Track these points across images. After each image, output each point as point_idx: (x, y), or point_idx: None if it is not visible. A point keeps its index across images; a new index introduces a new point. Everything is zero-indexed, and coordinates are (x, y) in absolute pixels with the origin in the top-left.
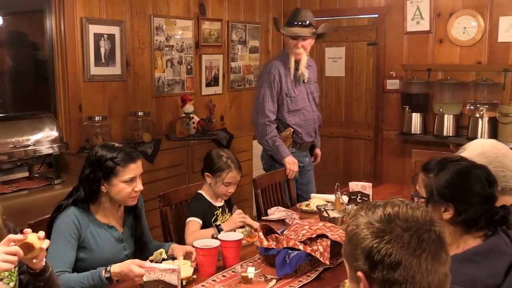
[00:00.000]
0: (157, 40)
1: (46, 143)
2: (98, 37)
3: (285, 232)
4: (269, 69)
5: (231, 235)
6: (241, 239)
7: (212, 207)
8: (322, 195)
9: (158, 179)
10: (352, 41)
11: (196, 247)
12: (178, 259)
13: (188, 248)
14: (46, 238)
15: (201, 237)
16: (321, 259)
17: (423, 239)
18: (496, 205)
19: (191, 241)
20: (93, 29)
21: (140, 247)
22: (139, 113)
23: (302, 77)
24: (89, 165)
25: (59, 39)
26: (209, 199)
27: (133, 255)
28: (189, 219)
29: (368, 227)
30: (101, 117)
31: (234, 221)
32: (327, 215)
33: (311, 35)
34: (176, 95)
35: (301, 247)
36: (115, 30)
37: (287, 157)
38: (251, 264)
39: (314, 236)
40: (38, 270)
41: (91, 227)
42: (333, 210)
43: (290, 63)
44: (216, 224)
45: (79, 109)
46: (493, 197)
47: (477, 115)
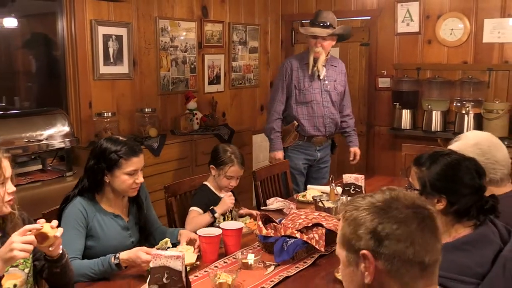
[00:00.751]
0: (162, 40)
1: (58, 137)
2: (106, 38)
3: (283, 221)
4: (283, 63)
5: (232, 224)
6: (242, 227)
7: (216, 197)
8: (317, 187)
9: (163, 171)
10: (345, 41)
11: (199, 235)
12: (181, 245)
13: (192, 235)
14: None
15: (198, 222)
16: (316, 247)
17: (424, 215)
18: (485, 195)
19: (190, 228)
20: (102, 31)
21: (144, 235)
22: (146, 109)
23: (317, 73)
24: (94, 157)
25: (70, 40)
26: (213, 190)
27: (139, 242)
28: (191, 208)
29: (369, 207)
30: (110, 113)
31: (225, 203)
32: (322, 205)
33: (327, 35)
34: (180, 93)
35: (298, 235)
36: (122, 31)
37: (275, 151)
38: (251, 251)
39: (310, 225)
40: (55, 257)
41: (97, 216)
42: (328, 200)
43: (308, 59)
44: (211, 208)
45: (89, 106)
46: (482, 187)
47: (463, 112)
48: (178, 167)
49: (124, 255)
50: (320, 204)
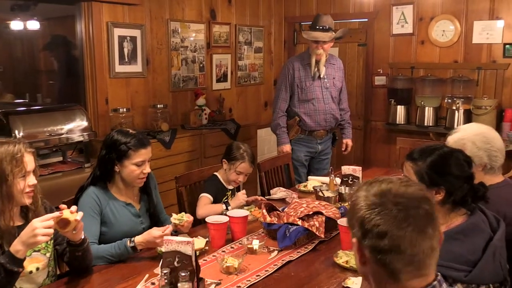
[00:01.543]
0: (173, 41)
1: (77, 131)
2: (122, 39)
3: (286, 209)
4: (286, 64)
5: (238, 212)
6: (247, 215)
7: (224, 188)
8: (318, 177)
9: (174, 163)
10: (344, 42)
11: (208, 222)
12: (178, 214)
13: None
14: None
15: (211, 209)
16: (317, 233)
17: (409, 214)
18: (475, 183)
19: (202, 213)
20: (118, 32)
21: (154, 221)
22: (158, 105)
23: (318, 73)
24: (105, 147)
25: (88, 41)
26: (222, 181)
27: (149, 228)
28: (202, 195)
29: (364, 199)
30: (125, 109)
31: (238, 198)
32: (322, 195)
33: (329, 39)
34: (190, 90)
35: (299, 222)
36: (136, 32)
37: (283, 145)
38: (256, 237)
39: (311, 213)
40: (78, 241)
41: (110, 203)
42: (327, 190)
43: (310, 60)
44: (225, 201)
45: (106, 102)
46: (472, 176)
47: (454, 108)
48: (188, 159)
49: (139, 238)
50: (320, 193)
